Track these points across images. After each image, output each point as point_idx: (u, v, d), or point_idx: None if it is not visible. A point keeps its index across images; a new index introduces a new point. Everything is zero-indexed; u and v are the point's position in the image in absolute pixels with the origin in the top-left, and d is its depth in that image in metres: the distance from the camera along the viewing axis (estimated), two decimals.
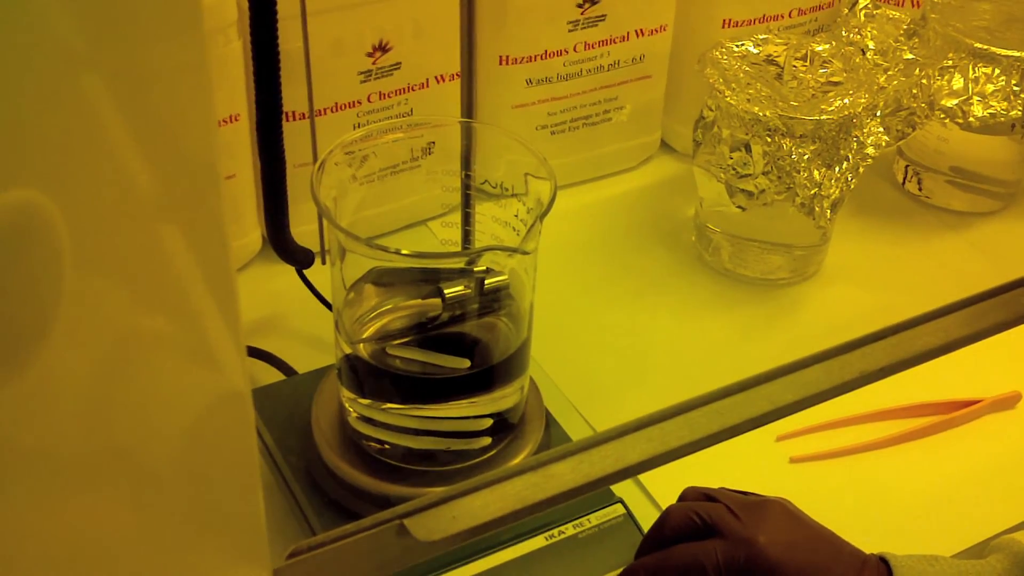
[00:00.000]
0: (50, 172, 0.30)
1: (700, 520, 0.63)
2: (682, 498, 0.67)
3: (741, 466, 0.76)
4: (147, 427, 0.37)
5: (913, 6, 1.06)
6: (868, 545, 0.64)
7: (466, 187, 0.72)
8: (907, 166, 1.04)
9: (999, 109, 0.93)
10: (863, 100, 0.85)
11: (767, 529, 0.62)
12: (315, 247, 0.79)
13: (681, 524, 0.64)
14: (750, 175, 0.85)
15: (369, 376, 0.69)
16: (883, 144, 0.88)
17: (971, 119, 0.93)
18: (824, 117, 0.83)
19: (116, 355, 0.34)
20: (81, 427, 0.35)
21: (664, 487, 0.74)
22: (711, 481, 0.69)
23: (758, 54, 0.89)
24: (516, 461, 0.70)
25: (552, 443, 0.74)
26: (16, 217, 0.29)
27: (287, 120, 0.72)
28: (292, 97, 0.72)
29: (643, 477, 0.76)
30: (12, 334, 0.31)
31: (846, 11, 0.95)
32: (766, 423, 0.52)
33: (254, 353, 0.81)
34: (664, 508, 0.67)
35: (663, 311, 0.91)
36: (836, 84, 0.87)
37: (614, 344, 0.88)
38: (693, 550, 0.62)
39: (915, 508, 0.77)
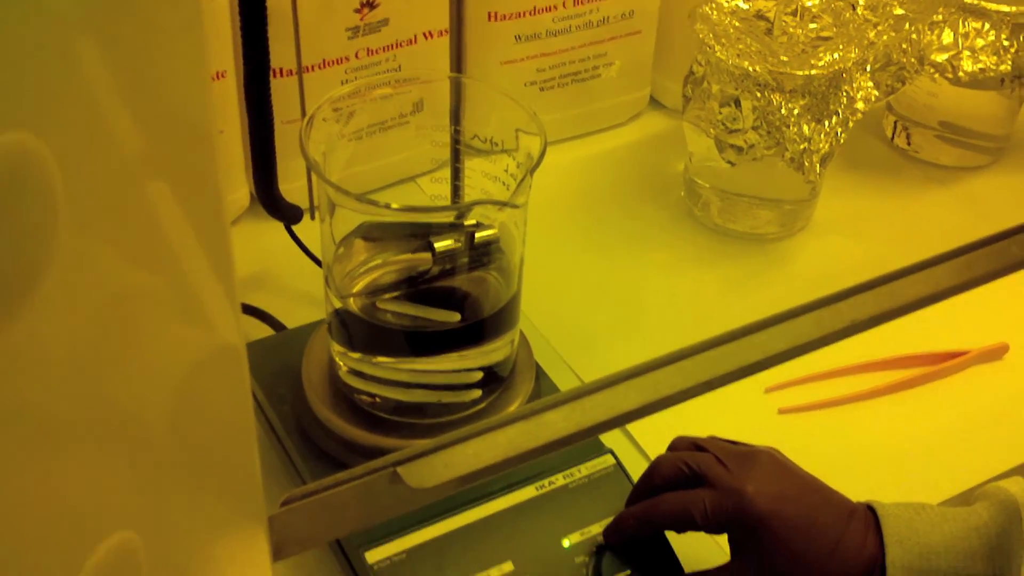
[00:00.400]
0: (44, 128, 0.30)
1: (689, 470, 0.64)
2: (672, 448, 0.68)
3: (730, 418, 0.76)
4: (142, 382, 0.37)
5: None
6: (856, 494, 0.64)
7: (456, 142, 0.72)
8: (896, 121, 1.04)
9: (988, 64, 0.93)
10: (853, 55, 0.85)
11: (755, 479, 0.62)
12: (304, 203, 0.79)
13: (670, 473, 0.64)
14: (739, 130, 0.85)
15: (359, 330, 0.69)
16: (873, 99, 0.88)
17: (960, 74, 0.94)
18: (814, 72, 0.83)
19: (110, 310, 0.34)
20: (75, 382, 0.35)
21: (654, 438, 0.74)
22: (700, 433, 0.69)
23: (748, 9, 0.89)
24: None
25: (542, 396, 0.74)
26: (14, 162, 0.29)
27: (275, 76, 0.72)
28: (280, 53, 0.71)
29: (633, 428, 0.76)
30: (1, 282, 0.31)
31: None
32: (758, 371, 0.53)
33: (244, 309, 0.81)
34: (653, 458, 0.67)
35: (652, 266, 0.91)
36: (826, 39, 0.87)
37: (604, 298, 0.88)
38: (682, 498, 0.63)
39: (903, 458, 0.78)
